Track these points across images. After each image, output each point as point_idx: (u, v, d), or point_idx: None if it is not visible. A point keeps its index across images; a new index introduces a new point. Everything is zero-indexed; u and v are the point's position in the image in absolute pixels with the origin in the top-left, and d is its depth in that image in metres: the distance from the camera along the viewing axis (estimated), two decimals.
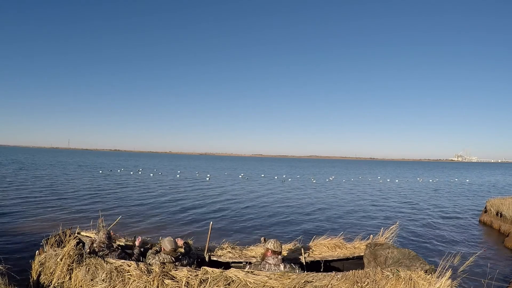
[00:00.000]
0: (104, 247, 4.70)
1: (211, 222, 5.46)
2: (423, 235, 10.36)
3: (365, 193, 22.67)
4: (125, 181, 25.43)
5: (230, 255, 5.08)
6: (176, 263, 4.31)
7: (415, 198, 20.47)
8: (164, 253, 4.43)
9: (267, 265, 4.18)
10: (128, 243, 5.34)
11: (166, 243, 4.49)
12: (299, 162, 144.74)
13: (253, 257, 5.00)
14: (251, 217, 12.62)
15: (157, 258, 4.39)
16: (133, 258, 4.77)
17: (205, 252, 5.00)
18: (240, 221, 11.70)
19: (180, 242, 4.77)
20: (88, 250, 4.63)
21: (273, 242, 4.28)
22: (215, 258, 5.03)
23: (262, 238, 4.64)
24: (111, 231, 5.22)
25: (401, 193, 23.66)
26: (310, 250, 5.21)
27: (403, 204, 17.60)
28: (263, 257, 4.33)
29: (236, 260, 4.98)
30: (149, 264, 4.23)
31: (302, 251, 5.06)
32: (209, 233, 5.11)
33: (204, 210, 13.72)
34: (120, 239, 5.41)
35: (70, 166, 41.38)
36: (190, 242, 5.36)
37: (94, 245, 4.79)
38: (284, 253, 4.96)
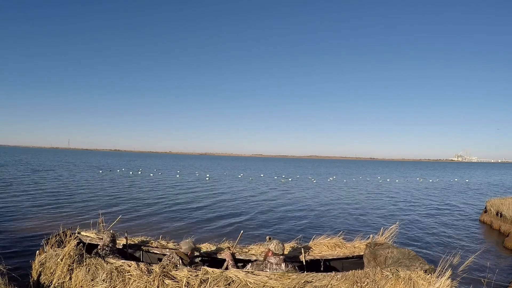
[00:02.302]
0: (107, 250, 4.70)
1: (242, 231, 5.50)
2: (423, 235, 10.36)
3: (365, 193, 22.67)
4: (125, 181, 25.43)
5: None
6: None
7: (415, 198, 20.47)
8: (177, 254, 4.44)
9: (268, 264, 4.20)
10: (130, 241, 5.36)
11: (182, 244, 4.53)
12: (299, 162, 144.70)
13: (253, 255, 5.01)
14: (251, 216, 12.62)
15: (168, 256, 4.44)
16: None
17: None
18: (239, 221, 11.70)
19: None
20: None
21: (275, 243, 4.29)
22: (214, 256, 5.05)
23: (267, 237, 4.64)
24: (112, 231, 5.22)
25: (401, 193, 23.66)
26: (310, 249, 5.22)
27: (403, 204, 17.60)
28: (265, 256, 4.36)
29: (236, 258, 4.99)
30: (149, 264, 4.24)
31: (302, 250, 5.07)
32: (237, 239, 5.13)
33: (203, 210, 13.72)
34: (120, 239, 5.43)
35: (73, 167, 41.36)
36: (190, 241, 5.36)
37: (98, 247, 4.79)
38: (285, 251, 4.97)
